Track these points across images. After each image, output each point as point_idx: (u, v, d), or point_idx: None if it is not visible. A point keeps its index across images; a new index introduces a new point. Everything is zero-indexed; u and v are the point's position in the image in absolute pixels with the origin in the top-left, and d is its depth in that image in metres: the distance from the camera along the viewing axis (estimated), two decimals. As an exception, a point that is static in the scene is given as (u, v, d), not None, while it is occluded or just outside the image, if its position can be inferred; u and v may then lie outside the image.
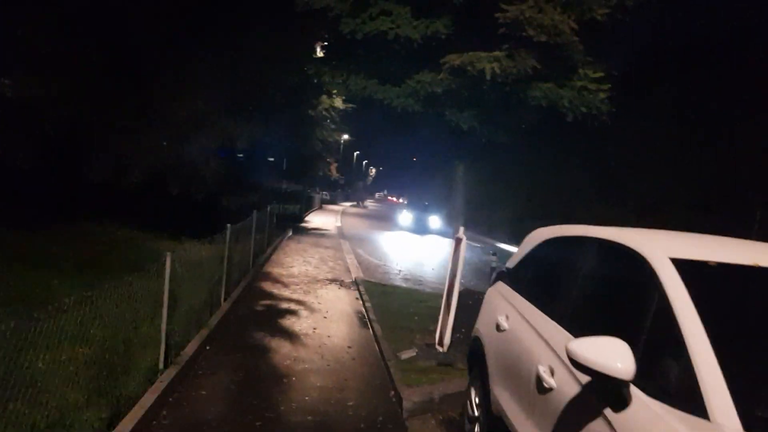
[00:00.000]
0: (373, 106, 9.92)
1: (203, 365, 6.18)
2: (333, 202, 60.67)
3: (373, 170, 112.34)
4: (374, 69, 9.21)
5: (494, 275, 5.32)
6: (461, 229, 7.10)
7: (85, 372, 4.52)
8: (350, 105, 25.08)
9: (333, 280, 12.57)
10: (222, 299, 8.57)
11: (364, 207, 66.26)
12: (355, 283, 12.33)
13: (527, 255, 4.69)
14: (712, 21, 17.05)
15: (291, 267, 13.82)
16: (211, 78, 12.14)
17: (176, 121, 11.85)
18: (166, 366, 5.51)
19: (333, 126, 29.59)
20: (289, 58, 13.08)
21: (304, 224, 28.59)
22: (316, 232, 24.88)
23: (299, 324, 8.48)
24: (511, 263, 4.97)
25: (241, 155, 14.96)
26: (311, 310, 9.50)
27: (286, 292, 10.70)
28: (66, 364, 4.43)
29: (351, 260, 16.16)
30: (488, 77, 7.91)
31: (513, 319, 4.18)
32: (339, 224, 31.06)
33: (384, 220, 42.46)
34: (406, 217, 32.07)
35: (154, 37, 11.34)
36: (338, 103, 24.71)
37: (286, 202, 30.35)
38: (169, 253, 5.31)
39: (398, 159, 62.62)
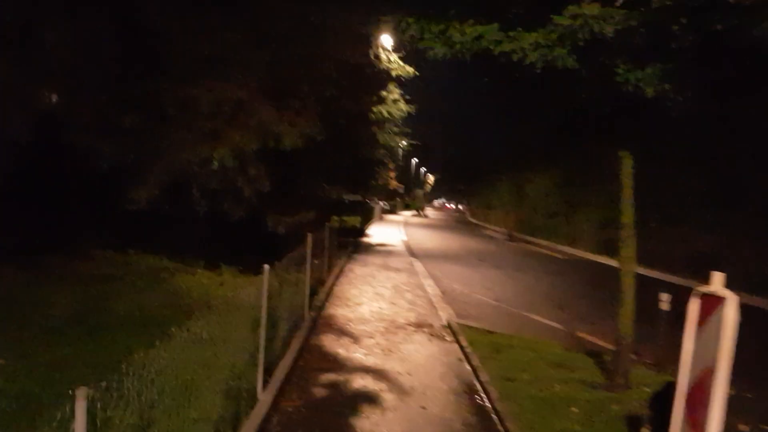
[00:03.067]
0: (477, 71, 6.54)
1: None
2: (392, 212, 57.68)
3: (432, 178, 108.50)
4: (493, 9, 5.77)
5: None
6: (718, 276, 3.49)
7: None
8: (412, 105, 21.80)
9: (418, 326, 9.11)
10: (259, 388, 5.24)
11: (425, 216, 62.61)
12: (450, 330, 8.87)
13: None
14: None
15: (359, 304, 10.44)
16: (246, 54, 8.89)
17: (200, 112, 8.64)
18: None
19: (396, 129, 26.35)
20: (350, 23, 9.68)
21: (366, 239, 25.41)
22: (382, 249, 21.53)
23: (386, 430, 5.05)
24: None
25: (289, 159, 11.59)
26: (400, 391, 6.06)
27: (357, 355, 7.29)
28: None
29: (431, 288, 12.77)
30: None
31: None
32: (405, 238, 27.63)
33: (456, 231, 39.00)
34: None
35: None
36: (402, 106, 21.27)
37: (345, 214, 27.23)
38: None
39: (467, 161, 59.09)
